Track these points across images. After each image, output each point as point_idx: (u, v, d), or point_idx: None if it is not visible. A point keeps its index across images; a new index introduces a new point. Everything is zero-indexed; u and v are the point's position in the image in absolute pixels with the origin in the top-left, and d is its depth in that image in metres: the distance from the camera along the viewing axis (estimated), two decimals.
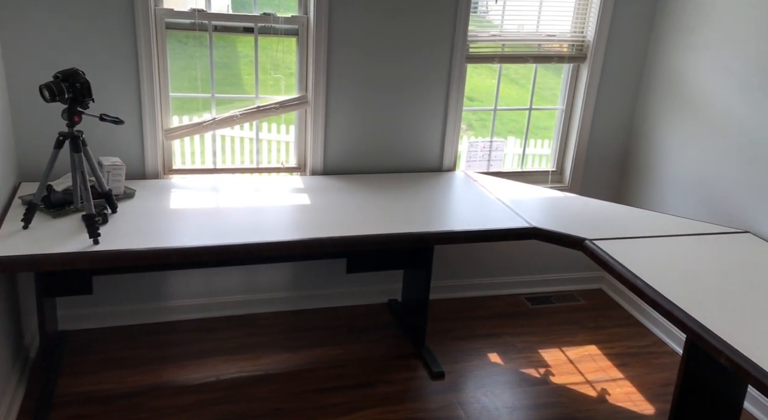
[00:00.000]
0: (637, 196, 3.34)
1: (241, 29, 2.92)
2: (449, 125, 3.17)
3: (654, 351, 3.02)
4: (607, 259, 2.32)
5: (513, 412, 2.55)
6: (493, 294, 3.49)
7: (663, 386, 2.75)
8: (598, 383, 2.77)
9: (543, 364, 2.89)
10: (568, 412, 2.57)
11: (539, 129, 3.66)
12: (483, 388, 2.70)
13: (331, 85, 2.95)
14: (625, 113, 3.36)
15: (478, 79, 4.75)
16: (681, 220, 2.72)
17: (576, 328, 3.20)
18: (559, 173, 3.49)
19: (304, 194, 2.79)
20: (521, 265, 3.52)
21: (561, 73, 3.35)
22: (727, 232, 2.60)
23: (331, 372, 2.76)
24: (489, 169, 3.41)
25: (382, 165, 3.16)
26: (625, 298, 3.41)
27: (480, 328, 3.16)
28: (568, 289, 3.57)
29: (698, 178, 2.92)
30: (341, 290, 3.29)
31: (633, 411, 2.59)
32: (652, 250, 2.39)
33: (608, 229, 2.56)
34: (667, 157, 3.12)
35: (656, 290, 2.09)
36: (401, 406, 2.56)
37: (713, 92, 2.82)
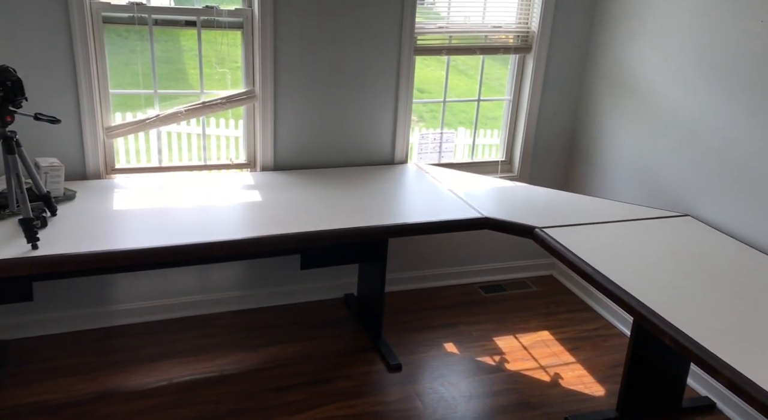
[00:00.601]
0: (584, 183, 3.43)
1: (183, 23, 2.84)
2: (400, 118, 3.17)
3: (603, 334, 3.11)
4: (556, 247, 2.37)
5: (470, 401, 2.59)
6: (448, 284, 3.53)
7: (612, 367, 2.84)
8: (551, 368, 2.84)
9: (498, 351, 2.94)
10: (522, 397, 2.63)
11: (489, 119, 3.70)
12: (440, 379, 2.72)
13: (279, 79, 2.90)
14: (570, 102, 3.44)
15: (428, 71, 4.76)
16: (625, 205, 2.80)
17: (529, 314, 3.27)
18: (508, 163, 3.54)
19: (254, 191, 2.74)
20: (474, 254, 3.56)
21: (508, 64, 3.39)
22: (668, 215, 2.70)
23: (288, 370, 2.73)
24: (440, 161, 3.43)
25: (333, 159, 3.14)
26: (575, 284, 3.50)
27: (436, 319, 3.19)
28: (521, 277, 3.64)
29: (641, 164, 3.01)
30: (296, 287, 3.26)
31: (585, 393, 2.67)
32: (599, 236, 2.45)
33: (557, 216, 2.62)
34: (611, 145, 3.21)
35: (604, 275, 2.15)
36: (359, 400, 2.56)
37: (653, 80, 2.91)
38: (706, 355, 1.74)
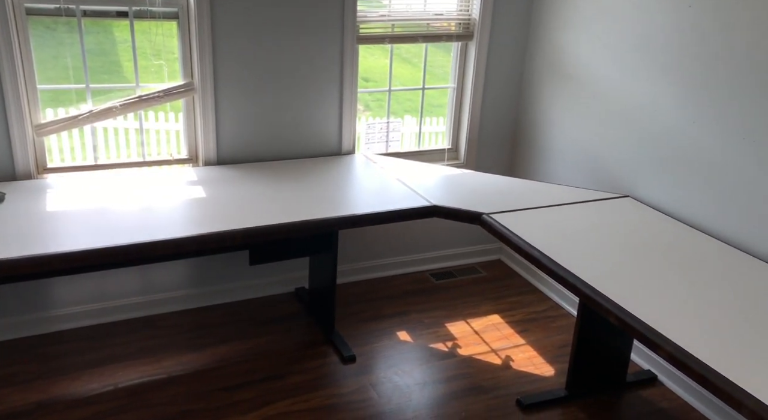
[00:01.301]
0: (528, 168, 3.49)
1: (114, 14, 2.72)
2: (345, 107, 3.14)
3: (551, 315, 3.19)
4: (503, 232, 2.41)
5: (424, 388, 2.61)
6: (399, 273, 3.54)
7: (561, 347, 2.91)
8: (502, 351, 2.89)
9: (450, 337, 2.97)
10: (475, 381, 2.67)
11: (434, 107, 3.72)
12: (394, 367, 2.73)
13: (218, 71, 2.82)
14: (513, 89, 3.48)
15: (372, 60, 4.73)
16: (568, 188, 2.87)
17: (479, 299, 3.31)
18: (454, 151, 3.56)
19: (198, 186, 2.67)
20: (424, 242, 3.58)
21: (451, 52, 3.40)
22: (609, 197, 2.77)
23: (238, 368, 2.69)
24: (388, 150, 3.43)
25: (279, 152, 3.09)
26: (522, 267, 3.57)
27: (388, 308, 3.20)
28: (470, 263, 3.69)
29: (582, 148, 3.09)
30: (245, 283, 3.20)
31: (535, 374, 2.73)
32: (544, 219, 2.50)
33: (503, 202, 2.65)
34: (553, 130, 3.27)
35: (550, 258, 2.20)
36: (313, 394, 2.55)
37: (591, 66, 2.97)
38: (648, 332, 1.80)
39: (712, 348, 1.70)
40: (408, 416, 2.45)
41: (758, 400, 1.52)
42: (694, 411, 2.51)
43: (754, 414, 1.51)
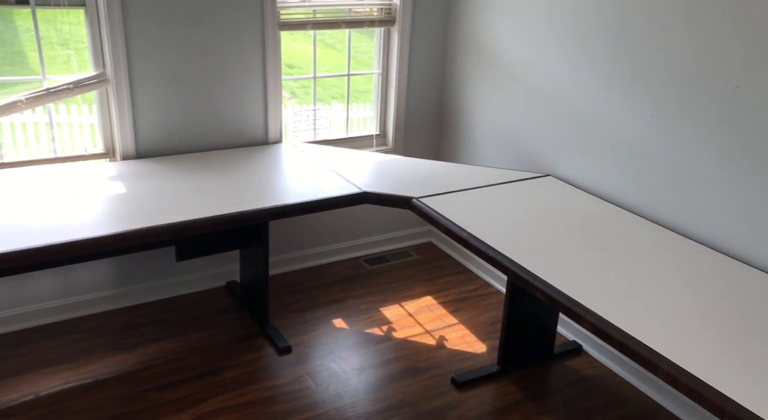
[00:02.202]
0: (455, 151, 3.55)
1: (13, 1, 2.54)
2: (270, 95, 3.08)
3: (482, 293, 3.28)
4: (433, 215, 2.45)
5: (361, 373, 2.63)
6: (332, 261, 3.53)
7: (492, 324, 3.00)
8: (436, 331, 2.95)
9: (385, 321, 3.00)
10: (411, 363, 2.71)
11: (361, 93, 3.71)
12: (331, 355, 2.74)
13: (133, 60, 2.70)
14: (437, 73, 3.52)
15: (296, 46, 4.66)
16: (494, 170, 2.94)
17: (412, 282, 3.36)
18: (382, 136, 3.57)
19: (117, 182, 2.55)
20: (356, 229, 3.59)
21: (374, 37, 3.40)
22: (532, 177, 2.87)
23: (171, 366, 2.61)
24: (316, 138, 3.39)
25: (202, 143, 3.00)
26: (453, 248, 3.65)
27: (323, 296, 3.19)
28: (402, 247, 3.73)
29: (505, 130, 3.17)
30: (174, 279, 3.11)
31: (468, 352, 2.81)
32: (472, 201, 2.56)
33: (432, 186, 2.69)
34: (476, 112, 3.34)
35: (478, 238, 2.25)
36: (250, 388, 2.51)
37: (510, 48, 3.05)
38: (572, 305, 1.89)
39: (630, 317, 1.80)
40: (346, 402, 2.46)
41: (671, 361, 1.62)
42: (616, 376, 2.66)
43: (668, 375, 1.61)
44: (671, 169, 2.38)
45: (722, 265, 2.11)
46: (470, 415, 2.42)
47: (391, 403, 2.47)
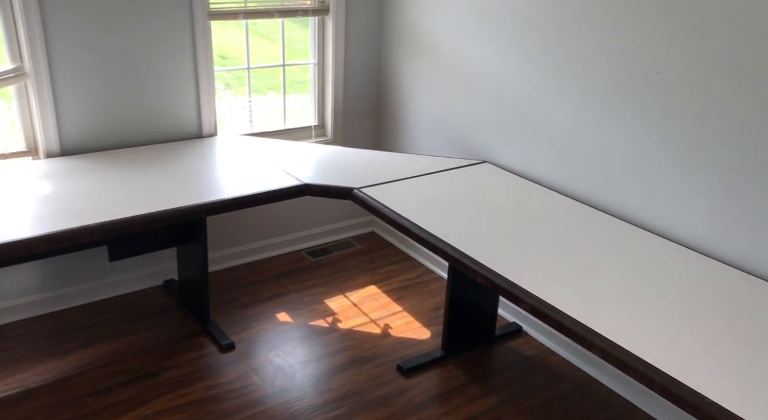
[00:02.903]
0: (394, 141, 3.57)
1: None
2: (203, 88, 3.00)
3: (424, 280, 3.32)
4: (374, 205, 2.45)
5: (307, 366, 2.62)
6: (274, 254, 3.49)
7: (435, 310, 3.05)
8: (381, 320, 2.97)
9: (330, 312, 3.00)
10: (357, 353, 2.72)
11: (297, 83, 3.65)
12: (275, 350, 2.71)
13: (53, 52, 2.56)
14: (374, 63, 3.52)
15: (228, 36, 4.54)
16: (432, 158, 2.97)
17: (356, 272, 3.37)
18: (321, 127, 3.55)
19: (42, 181, 2.43)
20: (298, 221, 3.56)
21: (309, 27, 3.35)
22: (469, 164, 2.92)
23: (108, 369, 2.52)
24: (253, 130, 3.33)
25: (133, 138, 2.89)
26: (395, 237, 3.67)
27: (265, 291, 3.15)
28: (345, 237, 3.72)
29: (442, 118, 3.21)
30: (108, 280, 2.99)
31: (413, 338, 2.84)
32: (411, 190, 2.58)
33: (372, 176, 2.70)
34: (414, 101, 3.36)
35: (419, 226, 2.28)
36: (193, 387, 2.46)
37: (444, 37, 3.08)
38: (511, 287, 1.93)
39: (566, 297, 1.87)
40: (292, 396, 2.45)
41: (605, 337, 1.69)
42: (555, 354, 2.76)
43: (602, 350, 1.69)
44: (601, 152, 2.47)
45: (651, 244, 2.21)
46: (416, 401, 2.46)
47: (338, 394, 2.47)
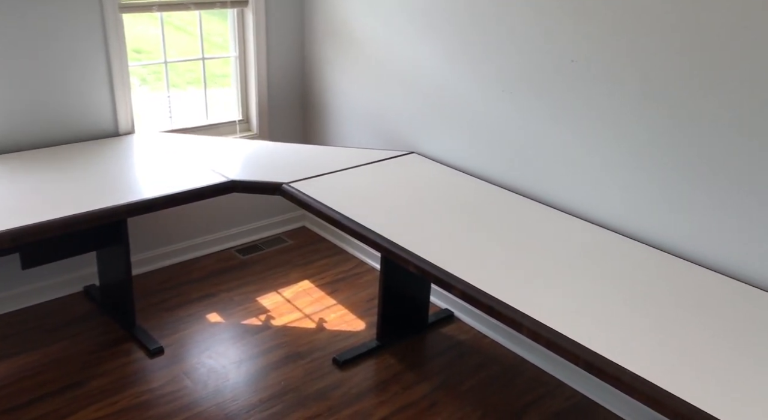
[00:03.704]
0: (322, 134, 3.54)
1: None
2: (117, 84, 2.86)
3: (357, 272, 3.32)
4: (304, 199, 2.43)
5: (240, 366, 2.57)
6: (203, 254, 3.40)
7: (369, 301, 3.06)
8: (315, 314, 2.95)
9: (262, 310, 2.95)
10: (292, 349, 2.70)
11: (218, 77, 3.55)
12: (207, 351, 2.64)
13: None
14: (297, 55, 3.48)
15: (142, 30, 4.36)
16: (360, 150, 2.98)
17: (288, 268, 3.33)
18: (246, 122, 3.47)
19: None
20: (226, 219, 3.47)
21: (228, 19, 3.27)
22: (397, 155, 2.94)
23: (26, 383, 2.38)
24: (173, 127, 3.22)
25: (44, 138, 2.72)
26: (326, 231, 3.66)
27: (194, 292, 3.06)
28: (275, 233, 3.67)
29: (368, 110, 3.21)
30: (21, 289, 2.82)
31: (348, 330, 2.85)
32: (341, 182, 2.58)
33: (301, 170, 2.67)
34: (340, 93, 3.35)
35: (350, 218, 2.28)
36: (121, 395, 2.36)
37: (366, 28, 3.08)
38: (442, 274, 1.97)
39: (496, 281, 1.92)
40: (227, 397, 2.40)
41: (534, 319, 1.75)
42: (486, 338, 2.84)
43: (530, 331, 1.75)
44: (523, 140, 2.55)
45: (575, 227, 2.31)
46: (353, 393, 2.46)
47: (273, 392, 2.44)
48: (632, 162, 2.20)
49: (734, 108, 1.91)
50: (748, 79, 1.86)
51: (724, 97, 1.92)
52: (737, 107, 1.90)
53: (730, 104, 1.91)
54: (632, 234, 2.24)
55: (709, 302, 1.85)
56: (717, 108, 1.94)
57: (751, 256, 1.95)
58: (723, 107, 1.93)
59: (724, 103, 1.92)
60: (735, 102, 1.90)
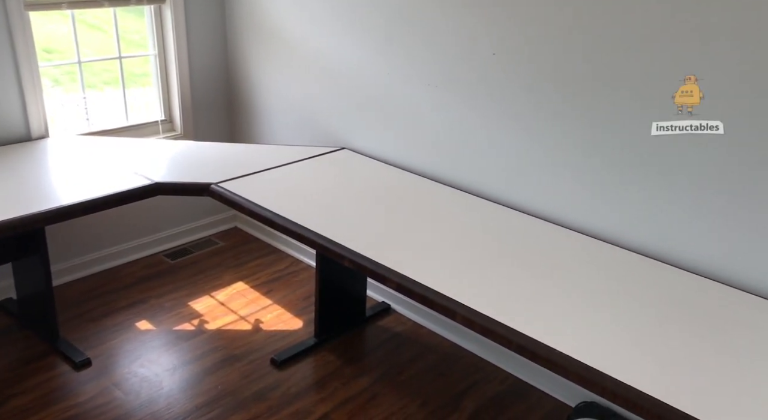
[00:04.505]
0: (250, 132, 3.48)
1: None
2: (27, 86, 2.71)
3: (293, 270, 3.30)
4: (235, 199, 2.38)
5: (174, 373, 2.50)
6: (129, 260, 3.27)
7: (305, 299, 3.05)
8: (251, 315, 2.91)
9: (195, 315, 2.88)
10: (228, 352, 2.64)
11: (138, 76, 3.42)
12: (138, 360, 2.55)
13: None
14: (220, 52, 3.40)
15: (54, 29, 4.13)
16: (291, 148, 2.95)
17: (220, 270, 3.26)
18: (169, 122, 3.37)
19: None
20: (153, 223, 3.36)
21: (144, 16, 3.15)
22: (328, 151, 2.93)
23: None
24: (91, 129, 3.08)
25: None
26: (259, 230, 3.60)
27: (122, 300, 2.94)
28: (206, 235, 3.58)
29: (297, 106, 3.19)
30: None
31: (285, 330, 2.82)
32: (273, 181, 2.54)
33: (230, 169, 2.61)
34: (267, 91, 3.30)
35: (283, 217, 2.25)
36: (46, 412, 2.24)
37: (291, 25, 3.05)
38: (377, 268, 1.98)
39: (430, 272, 1.95)
40: (161, 405, 2.32)
41: (467, 306, 1.79)
42: (423, 328, 2.88)
43: (465, 319, 1.79)
44: (453, 133, 2.60)
45: (505, 216, 2.37)
46: (293, 391, 2.45)
47: (210, 397, 2.39)
48: (553, 149, 2.29)
49: (637, 98, 2.02)
50: (654, 72, 1.97)
51: (628, 91, 2.03)
52: (640, 96, 2.02)
53: (635, 96, 2.03)
54: (557, 219, 2.34)
55: (631, 281, 1.96)
56: (625, 100, 2.05)
57: (655, 235, 2.08)
58: (632, 99, 2.04)
59: (632, 95, 2.04)
60: (640, 92, 2.01)
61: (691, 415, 1.38)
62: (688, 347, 1.62)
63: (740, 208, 1.91)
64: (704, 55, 1.86)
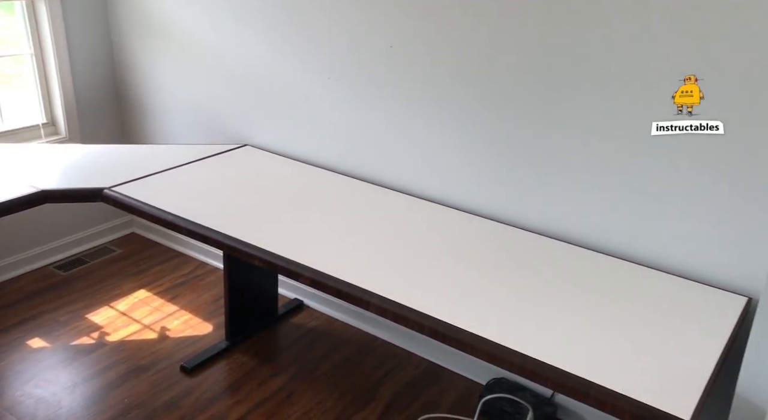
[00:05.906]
0: (143, 133, 3.32)
1: None
2: None
3: (199, 274, 3.19)
4: (132, 203, 2.27)
5: (75, 390, 2.35)
6: (15, 275, 3.03)
7: (215, 302, 2.96)
8: (156, 323, 2.79)
9: (95, 327, 2.72)
10: (133, 363, 2.52)
11: (11, 77, 3.16)
12: (32, 380, 2.37)
13: None
14: (105, 50, 3.21)
15: None
16: (189, 147, 2.85)
17: (119, 279, 3.09)
18: (52, 125, 3.14)
19: None
20: (41, 233, 3.13)
21: (15, 12, 2.92)
22: (230, 149, 2.86)
23: None
24: None
25: None
26: (159, 235, 3.45)
27: (9, 318, 2.72)
28: (101, 243, 3.39)
29: (194, 104, 3.08)
30: None
31: (195, 335, 2.73)
32: (171, 182, 2.45)
33: (124, 172, 2.48)
34: (159, 89, 3.16)
35: (186, 219, 2.17)
36: None
37: (180, 20, 2.94)
38: (289, 265, 1.96)
39: (342, 265, 1.96)
40: None
41: (380, 295, 1.83)
42: (337, 321, 2.90)
43: (378, 308, 1.82)
44: (351, 124, 2.62)
45: (412, 206, 2.43)
46: (207, 397, 2.38)
47: (116, 412, 2.27)
48: (450, 138, 2.37)
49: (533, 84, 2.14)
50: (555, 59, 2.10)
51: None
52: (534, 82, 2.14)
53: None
54: (464, 207, 2.43)
55: (522, 259, 2.07)
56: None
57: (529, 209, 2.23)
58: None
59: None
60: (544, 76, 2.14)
61: (588, 379, 1.50)
62: (582, 318, 1.75)
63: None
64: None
